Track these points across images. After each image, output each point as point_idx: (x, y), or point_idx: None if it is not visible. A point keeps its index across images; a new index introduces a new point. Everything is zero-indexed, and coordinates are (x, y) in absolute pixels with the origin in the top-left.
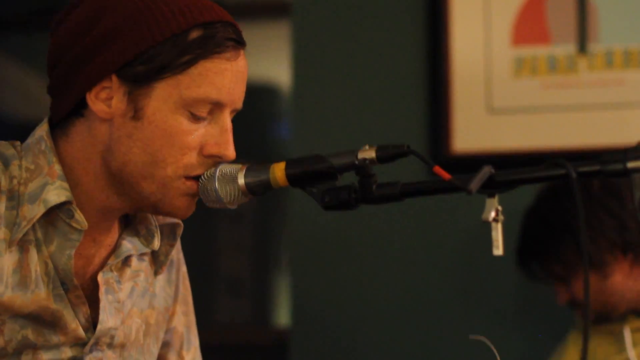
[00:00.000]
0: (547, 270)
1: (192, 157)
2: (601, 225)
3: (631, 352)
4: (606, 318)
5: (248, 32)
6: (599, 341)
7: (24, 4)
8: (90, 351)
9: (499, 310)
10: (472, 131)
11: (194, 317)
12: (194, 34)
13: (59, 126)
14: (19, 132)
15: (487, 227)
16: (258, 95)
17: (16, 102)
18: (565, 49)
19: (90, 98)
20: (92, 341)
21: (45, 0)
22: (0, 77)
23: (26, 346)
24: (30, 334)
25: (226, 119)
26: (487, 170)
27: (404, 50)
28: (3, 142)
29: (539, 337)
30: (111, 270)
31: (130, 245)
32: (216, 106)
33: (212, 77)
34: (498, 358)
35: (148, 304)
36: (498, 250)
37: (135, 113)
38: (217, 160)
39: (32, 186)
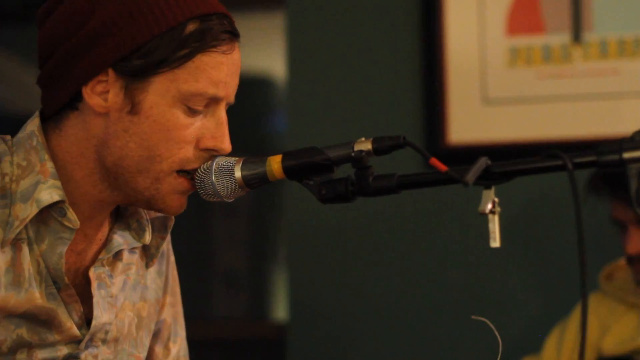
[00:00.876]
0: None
1: (188, 151)
2: None
3: None
4: None
5: (243, 23)
6: (621, 313)
7: None
8: (86, 347)
9: (499, 301)
10: (468, 122)
11: (181, 307)
12: (191, 27)
13: (51, 119)
14: (13, 125)
15: (484, 218)
16: (253, 87)
17: (10, 96)
18: (559, 38)
19: (86, 92)
20: (87, 337)
21: None
22: None
23: (21, 345)
24: (25, 332)
25: (222, 112)
26: (483, 162)
27: (399, 41)
28: None
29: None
30: (103, 265)
31: (121, 239)
32: (212, 100)
33: (209, 71)
34: (499, 338)
35: (140, 297)
36: (495, 242)
37: (132, 107)
38: (213, 153)
39: (24, 184)
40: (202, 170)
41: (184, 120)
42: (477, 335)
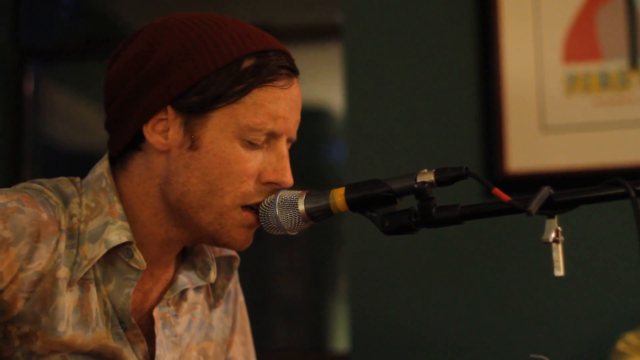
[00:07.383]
0: None
1: (249, 185)
2: None
3: None
4: None
5: (300, 55)
6: None
7: (75, 34)
8: None
9: (563, 329)
10: (526, 150)
11: (253, 346)
12: (247, 63)
13: (118, 161)
14: (72, 160)
15: (547, 247)
16: (312, 118)
17: (68, 131)
18: (616, 64)
19: (147, 130)
20: None
21: (95, 29)
22: (53, 106)
23: None
24: None
25: (282, 145)
26: (546, 191)
27: (457, 70)
28: (64, 179)
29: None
30: (168, 305)
31: (186, 279)
32: (272, 135)
33: (267, 106)
34: None
35: (205, 336)
36: (560, 271)
37: (192, 143)
38: (275, 187)
39: (93, 224)
40: (266, 204)
41: (244, 154)
42: None
